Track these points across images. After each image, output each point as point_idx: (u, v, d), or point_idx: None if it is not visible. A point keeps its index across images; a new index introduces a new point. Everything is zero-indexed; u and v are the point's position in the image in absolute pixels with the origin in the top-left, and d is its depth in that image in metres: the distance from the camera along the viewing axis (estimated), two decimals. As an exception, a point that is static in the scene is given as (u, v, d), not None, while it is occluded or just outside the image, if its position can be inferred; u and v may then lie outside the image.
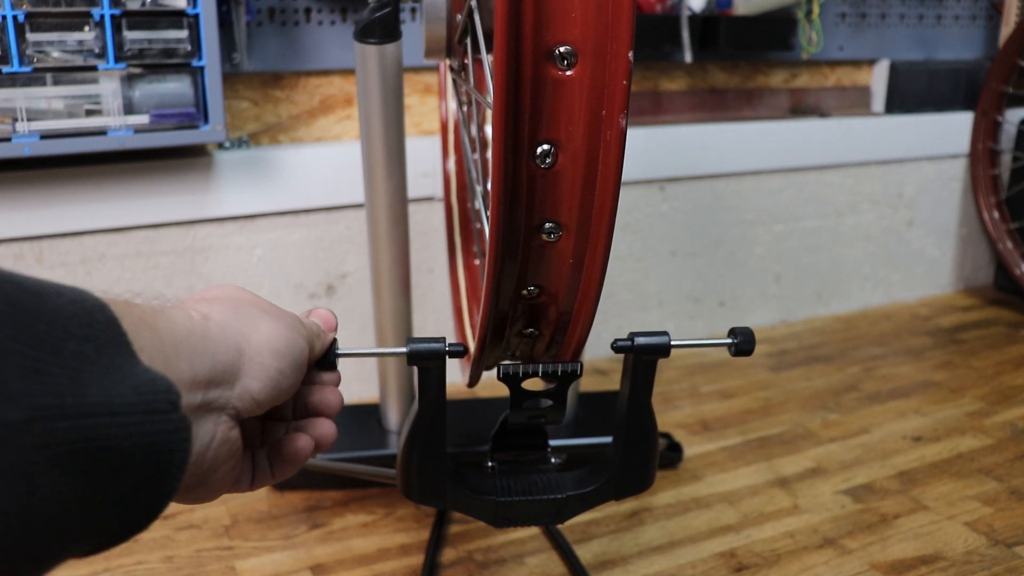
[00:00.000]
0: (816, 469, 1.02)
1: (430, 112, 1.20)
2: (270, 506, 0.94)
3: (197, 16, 0.92)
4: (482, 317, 0.49)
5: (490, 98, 0.43)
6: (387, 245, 0.89)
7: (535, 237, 0.46)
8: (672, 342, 0.54)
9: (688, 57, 1.27)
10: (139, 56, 0.91)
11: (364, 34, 0.80)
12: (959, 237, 1.67)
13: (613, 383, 1.26)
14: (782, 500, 0.96)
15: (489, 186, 0.44)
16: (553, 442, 0.64)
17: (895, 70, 1.51)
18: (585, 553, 0.86)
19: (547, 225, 0.45)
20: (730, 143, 1.39)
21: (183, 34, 0.92)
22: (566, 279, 0.47)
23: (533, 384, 0.56)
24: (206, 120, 0.96)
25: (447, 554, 0.86)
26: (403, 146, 0.86)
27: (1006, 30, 1.53)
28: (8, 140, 0.89)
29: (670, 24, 1.25)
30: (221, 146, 1.08)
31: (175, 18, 0.92)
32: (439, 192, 1.18)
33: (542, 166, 0.43)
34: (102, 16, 0.89)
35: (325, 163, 1.12)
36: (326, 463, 0.89)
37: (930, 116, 1.56)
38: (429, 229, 1.20)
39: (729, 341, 0.55)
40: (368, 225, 0.90)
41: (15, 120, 0.89)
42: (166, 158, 1.04)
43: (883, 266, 1.61)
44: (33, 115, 0.90)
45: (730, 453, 1.06)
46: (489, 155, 0.49)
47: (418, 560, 0.84)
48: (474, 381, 0.61)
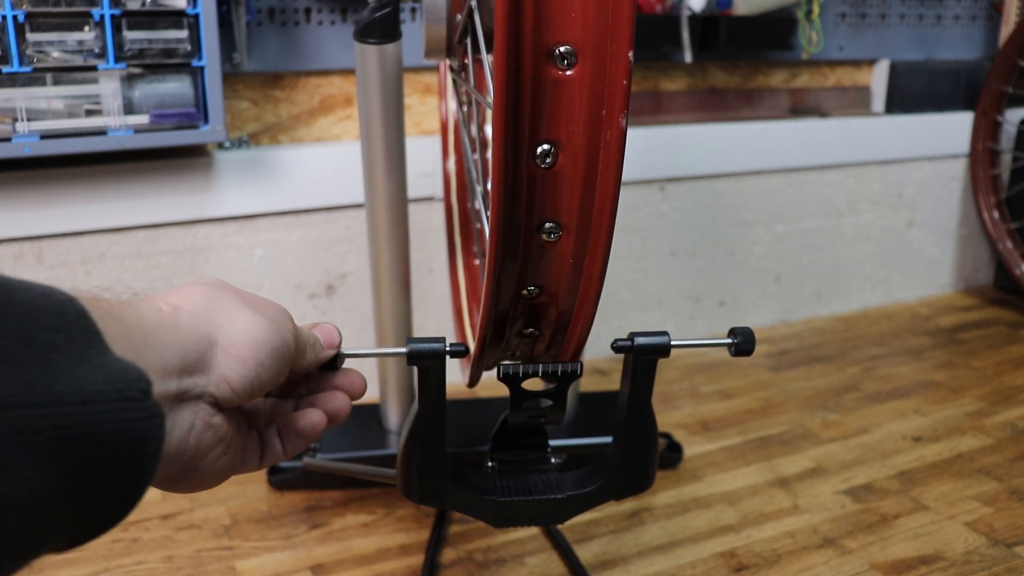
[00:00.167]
0: (816, 469, 1.02)
1: (430, 112, 1.20)
2: (270, 506, 0.94)
3: (197, 16, 0.92)
4: (482, 317, 0.49)
5: (490, 98, 0.43)
6: (387, 245, 0.89)
7: (535, 237, 0.46)
8: (672, 342, 0.54)
9: (688, 57, 1.27)
10: (139, 56, 0.91)
11: (364, 34, 0.80)
12: (959, 237, 1.67)
13: (613, 383, 1.26)
14: (782, 500, 0.96)
15: (489, 186, 0.44)
16: (553, 442, 0.64)
17: (895, 70, 1.51)
18: (585, 553, 0.86)
19: (547, 225, 0.45)
20: (730, 143, 1.39)
21: (183, 34, 0.92)
22: (566, 279, 0.47)
23: (533, 384, 0.56)
24: (206, 120, 0.96)
25: (447, 554, 0.86)
26: (403, 146, 0.86)
27: (1006, 30, 1.53)
28: (8, 140, 0.89)
29: (670, 24, 1.26)
30: (221, 146, 1.08)
31: (175, 18, 0.92)
32: (439, 192, 1.18)
33: (542, 166, 0.43)
34: (102, 16, 0.89)
35: (325, 163, 1.12)
36: (326, 463, 0.89)
37: (930, 116, 1.56)
38: (429, 229, 1.20)
39: (729, 341, 0.55)
40: (368, 225, 0.90)
41: (15, 120, 0.89)
42: (166, 158, 1.04)
43: (883, 266, 1.61)
44: (33, 115, 0.90)
45: (730, 453, 1.06)
46: (489, 155, 0.49)
47: (418, 560, 0.84)
48: (474, 381, 0.61)
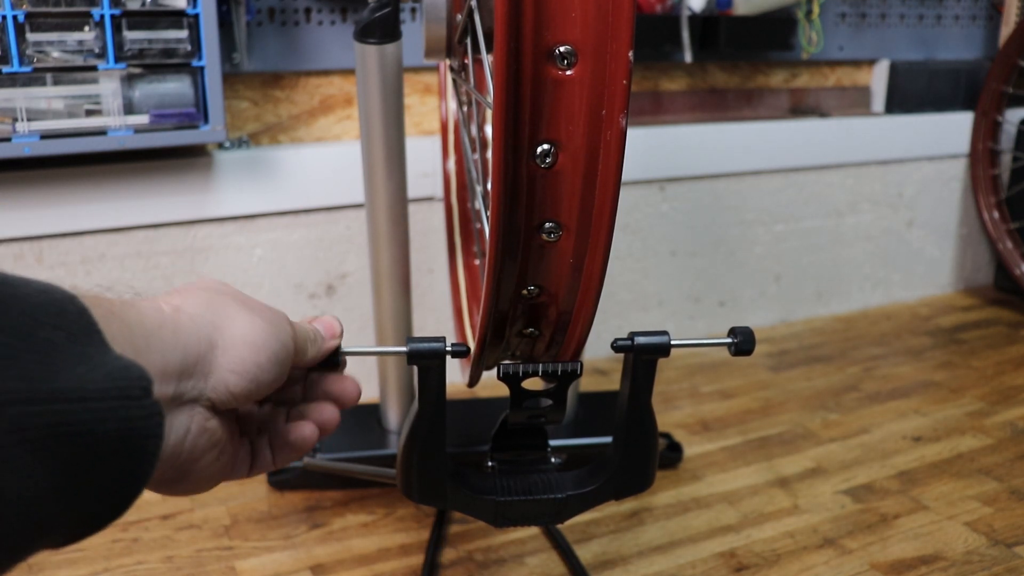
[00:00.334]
0: (816, 469, 1.02)
1: (430, 112, 1.20)
2: (270, 506, 0.94)
3: (197, 16, 0.92)
4: (482, 317, 0.49)
5: (490, 98, 0.43)
6: (387, 245, 0.89)
7: (535, 237, 0.46)
8: (672, 342, 0.54)
9: (688, 57, 1.27)
10: (139, 56, 0.91)
11: (364, 34, 0.80)
12: (959, 237, 1.67)
13: (613, 383, 1.26)
14: (782, 500, 0.96)
15: (489, 186, 0.44)
16: (553, 442, 0.64)
17: (895, 70, 1.51)
18: (585, 553, 0.86)
19: (547, 225, 0.45)
20: (730, 143, 1.39)
21: (183, 34, 0.92)
22: (566, 279, 0.47)
23: (533, 384, 0.56)
24: (206, 120, 0.96)
25: (447, 554, 0.86)
26: (403, 146, 0.86)
27: (1006, 30, 1.53)
28: (8, 140, 0.89)
29: (670, 24, 1.25)
30: (221, 146, 1.08)
31: (175, 18, 0.92)
32: (439, 192, 1.18)
33: (542, 166, 0.43)
34: (102, 16, 0.89)
35: (325, 163, 1.12)
36: (326, 463, 0.89)
37: (930, 116, 1.56)
38: (429, 229, 1.20)
39: (729, 341, 0.55)
40: (368, 225, 0.90)
41: (15, 120, 0.89)
42: (166, 158, 1.04)
43: (883, 266, 1.61)
44: (33, 115, 0.90)
45: (730, 453, 1.06)
46: (489, 155, 0.49)
47: (418, 560, 0.84)
48: (474, 381, 0.61)
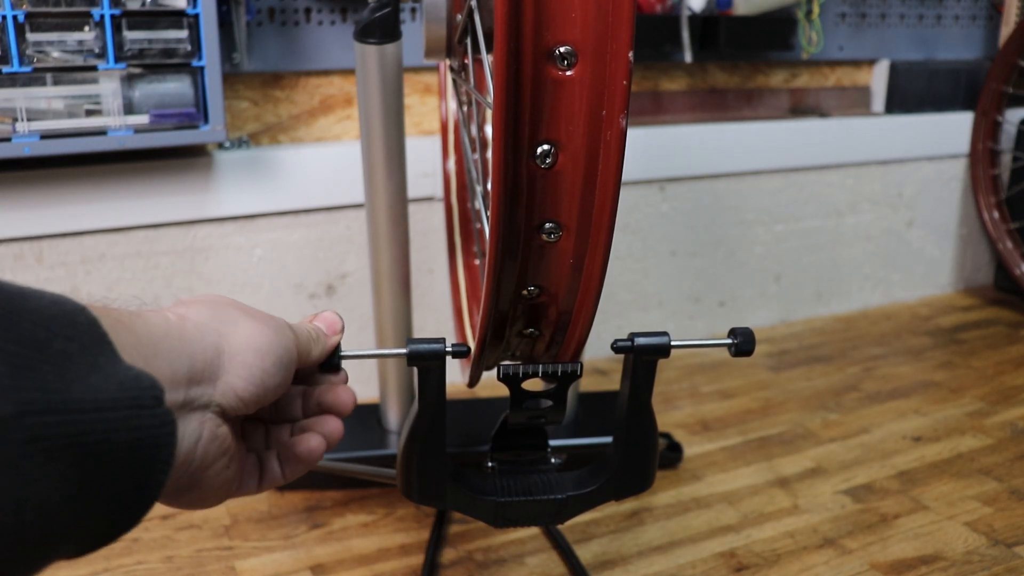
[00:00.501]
0: (816, 469, 1.02)
1: (430, 112, 1.20)
2: (270, 506, 0.94)
3: (197, 16, 0.92)
4: (482, 317, 0.49)
5: (490, 98, 0.43)
6: (387, 245, 0.89)
7: (535, 237, 0.46)
8: (672, 342, 0.54)
9: (688, 57, 1.27)
10: (139, 56, 0.91)
11: (364, 34, 0.80)
12: (959, 237, 1.67)
13: (613, 383, 1.26)
14: (782, 500, 0.96)
15: (489, 186, 0.44)
16: (553, 442, 0.64)
17: (895, 70, 1.51)
18: (585, 553, 0.86)
19: (547, 225, 0.45)
20: (730, 143, 1.39)
21: (183, 34, 0.92)
22: (566, 279, 0.47)
23: (533, 384, 0.56)
24: (206, 120, 0.96)
25: (447, 554, 0.86)
26: (403, 146, 0.86)
27: (1006, 30, 1.53)
28: (8, 140, 0.89)
29: (670, 24, 1.25)
30: (221, 146, 1.08)
31: (175, 18, 0.92)
32: (439, 192, 1.18)
33: (542, 166, 0.43)
34: (102, 16, 0.89)
35: (325, 163, 1.12)
36: (326, 463, 0.89)
37: (930, 116, 1.56)
38: (429, 229, 1.20)
39: (729, 341, 0.55)
40: (368, 225, 0.90)
41: (15, 120, 0.89)
42: (166, 158, 1.04)
43: (883, 266, 1.61)
44: (33, 115, 0.90)
45: (730, 453, 1.06)
46: (489, 155, 0.49)
47: (418, 560, 0.84)
48: (474, 381, 0.61)
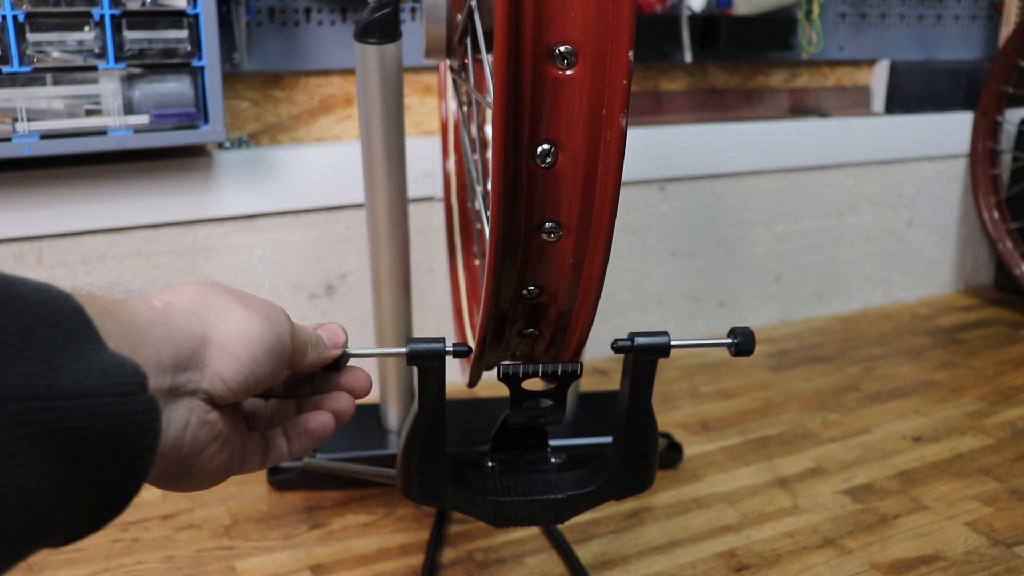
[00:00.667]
0: (816, 469, 1.02)
1: (430, 112, 1.20)
2: (270, 506, 0.94)
3: (197, 16, 0.92)
4: (482, 317, 0.49)
5: (490, 98, 0.43)
6: (387, 245, 0.89)
7: (535, 237, 0.46)
8: (672, 342, 0.54)
9: (688, 57, 1.27)
10: (139, 56, 0.91)
11: (364, 34, 0.80)
12: (959, 237, 1.67)
13: (613, 383, 1.26)
14: (782, 500, 0.96)
15: (489, 186, 0.44)
16: (553, 442, 0.64)
17: (895, 70, 1.51)
18: (585, 553, 0.86)
19: (547, 225, 0.45)
20: (730, 143, 1.39)
21: (183, 34, 0.92)
22: (566, 279, 0.47)
23: (533, 384, 0.56)
24: (206, 120, 0.96)
25: (447, 554, 0.86)
26: (403, 146, 0.86)
27: (1006, 30, 1.53)
28: (8, 140, 0.89)
29: (670, 24, 1.25)
30: (221, 146, 1.08)
31: (175, 18, 0.92)
32: (439, 192, 1.18)
33: (542, 166, 0.43)
34: (102, 16, 0.89)
35: (325, 163, 1.12)
36: (326, 463, 0.89)
37: (930, 116, 1.56)
38: (429, 229, 1.20)
39: (729, 341, 0.55)
40: (368, 225, 0.90)
41: (15, 120, 0.89)
42: (166, 158, 1.04)
43: (883, 266, 1.61)
44: (33, 115, 0.90)
45: (730, 453, 1.06)
46: (489, 155, 0.49)
47: (418, 560, 0.84)
48: (474, 381, 0.61)
